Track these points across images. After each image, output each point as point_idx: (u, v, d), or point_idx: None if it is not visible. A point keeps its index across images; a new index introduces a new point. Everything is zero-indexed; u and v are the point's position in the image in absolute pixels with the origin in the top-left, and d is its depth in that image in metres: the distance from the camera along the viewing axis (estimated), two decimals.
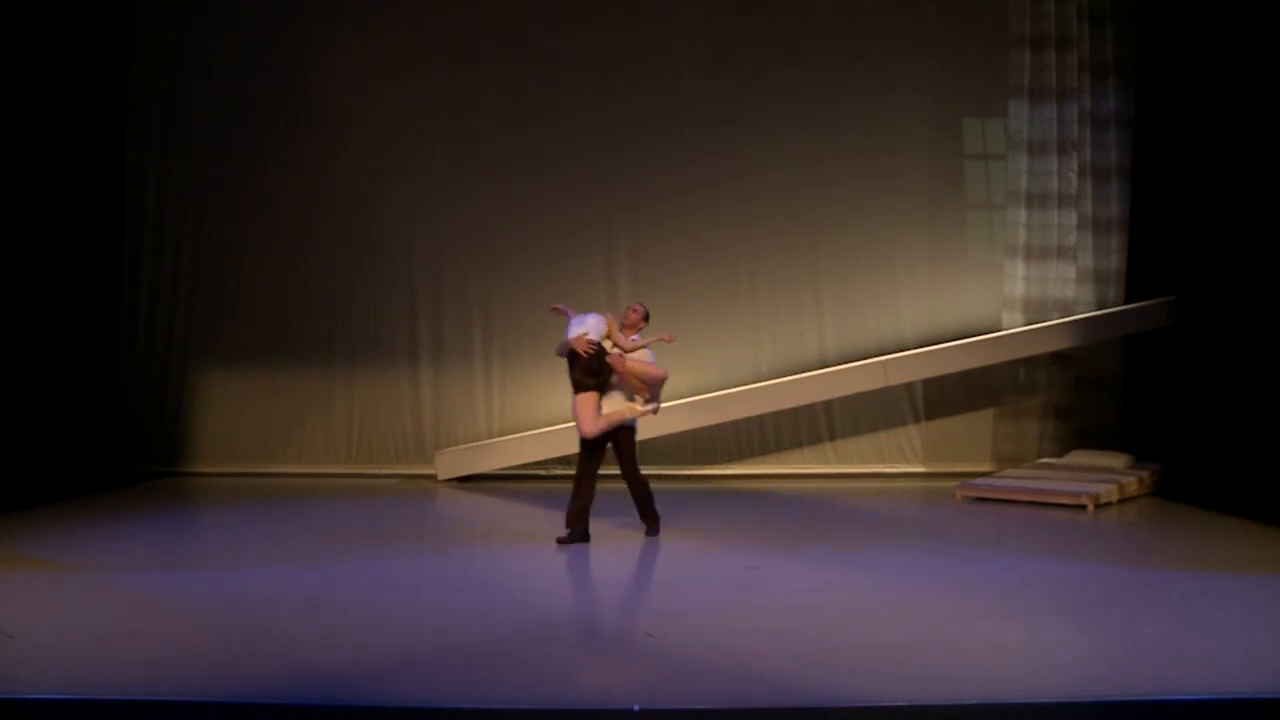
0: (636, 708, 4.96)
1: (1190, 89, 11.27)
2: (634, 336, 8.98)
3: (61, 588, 7.23)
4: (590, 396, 8.56)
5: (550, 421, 12.22)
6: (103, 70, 11.84)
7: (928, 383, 12.54)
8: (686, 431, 12.25)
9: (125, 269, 12.39)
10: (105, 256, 12.03)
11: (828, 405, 12.53)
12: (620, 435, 8.73)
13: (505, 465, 12.13)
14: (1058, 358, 12.53)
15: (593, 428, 8.54)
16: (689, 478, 12.38)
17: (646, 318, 9.15)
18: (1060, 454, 12.17)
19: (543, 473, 12.26)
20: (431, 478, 12.20)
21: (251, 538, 8.81)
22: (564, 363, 8.72)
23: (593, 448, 8.73)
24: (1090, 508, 10.29)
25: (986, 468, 12.29)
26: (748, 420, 12.45)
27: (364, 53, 12.43)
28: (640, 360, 8.81)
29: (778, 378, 12.21)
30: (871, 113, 12.53)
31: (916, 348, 12.23)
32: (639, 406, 8.76)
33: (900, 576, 7.75)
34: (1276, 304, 9.71)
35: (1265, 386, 9.78)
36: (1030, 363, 12.57)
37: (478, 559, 8.38)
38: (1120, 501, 10.70)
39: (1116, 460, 11.50)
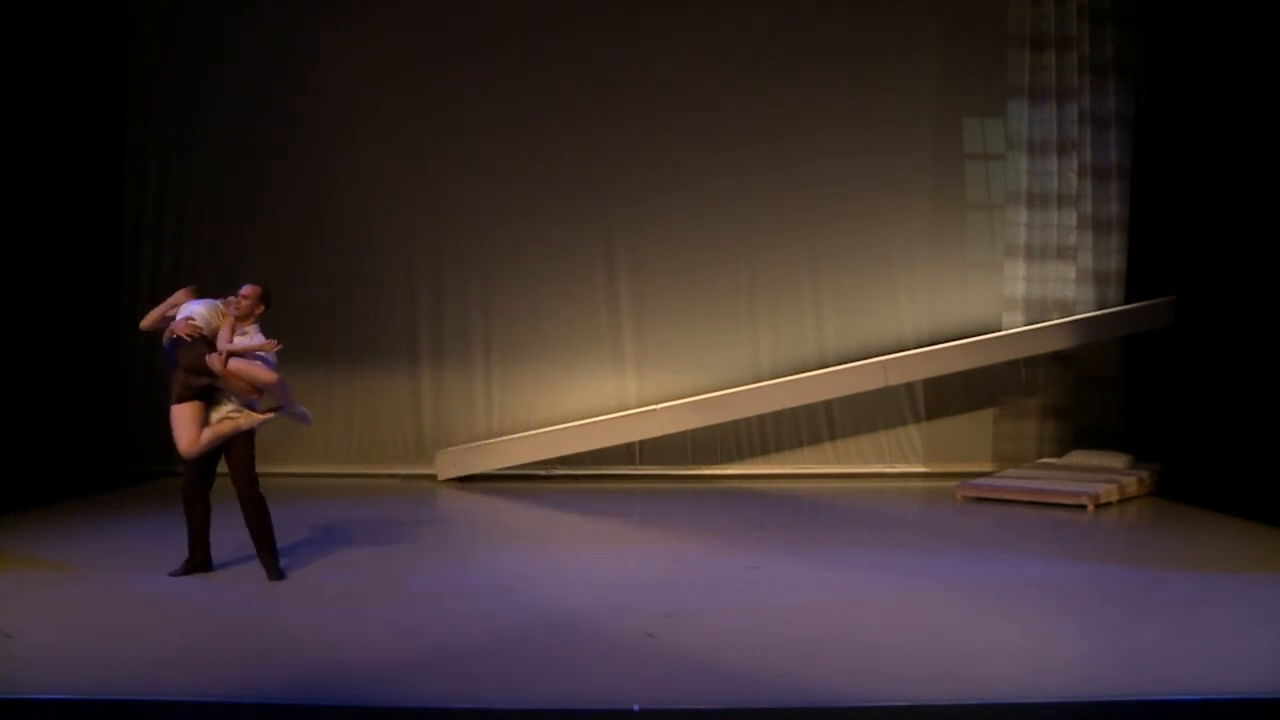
0: (636, 708, 4.96)
1: (1190, 89, 11.26)
2: (252, 327, 7.89)
3: (61, 588, 7.23)
4: (192, 407, 7.44)
5: (550, 421, 12.23)
6: (103, 70, 11.82)
7: (928, 383, 12.53)
8: (686, 431, 12.27)
9: (125, 268, 12.36)
10: (105, 256, 12.00)
11: (828, 405, 12.52)
12: (234, 439, 7.60)
13: (505, 465, 12.12)
14: (1058, 358, 12.53)
15: (194, 446, 7.42)
16: (689, 478, 12.38)
17: (265, 299, 7.93)
18: (1060, 454, 12.16)
19: (543, 472, 12.27)
20: (431, 478, 12.20)
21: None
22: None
23: (201, 462, 7.60)
24: (1090, 508, 10.29)
25: (986, 468, 12.28)
26: (748, 420, 12.44)
27: (364, 52, 12.41)
28: (245, 363, 7.62)
29: (778, 378, 12.22)
30: (871, 113, 12.51)
31: (916, 348, 12.22)
32: (258, 415, 7.69)
33: (900, 576, 7.74)
34: (1276, 304, 9.70)
35: (1265, 386, 9.76)
36: (1030, 363, 12.55)
37: (477, 559, 8.39)
38: (1120, 501, 10.70)
39: (1116, 460, 11.51)
